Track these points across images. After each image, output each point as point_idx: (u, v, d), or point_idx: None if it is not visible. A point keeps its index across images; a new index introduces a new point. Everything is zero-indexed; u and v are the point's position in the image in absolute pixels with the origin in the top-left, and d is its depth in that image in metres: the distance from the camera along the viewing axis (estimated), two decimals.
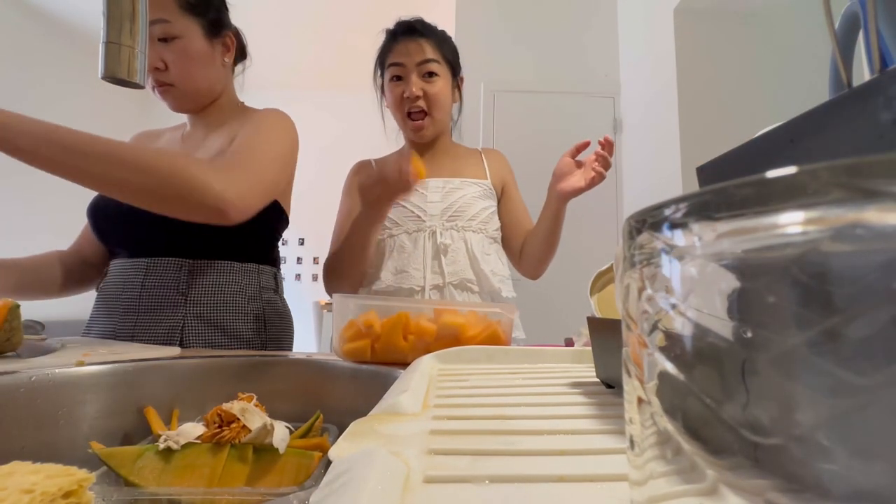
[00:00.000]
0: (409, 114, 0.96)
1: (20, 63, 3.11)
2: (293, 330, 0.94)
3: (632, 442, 0.11)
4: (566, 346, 0.69)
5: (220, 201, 0.62)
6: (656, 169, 2.19)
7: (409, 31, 0.96)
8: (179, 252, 0.78)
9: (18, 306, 0.54)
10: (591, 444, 0.20)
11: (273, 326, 0.87)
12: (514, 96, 2.54)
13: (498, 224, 1.03)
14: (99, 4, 0.45)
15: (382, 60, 0.99)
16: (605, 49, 2.61)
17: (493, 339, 0.56)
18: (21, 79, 3.10)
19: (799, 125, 0.20)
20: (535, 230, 0.97)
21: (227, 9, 0.87)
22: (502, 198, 1.07)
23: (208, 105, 0.87)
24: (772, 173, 0.07)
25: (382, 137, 1.08)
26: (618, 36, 2.62)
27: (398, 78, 0.95)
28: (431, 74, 0.95)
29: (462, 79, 1.05)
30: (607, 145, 0.86)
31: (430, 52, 0.94)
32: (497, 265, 0.98)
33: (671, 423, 0.09)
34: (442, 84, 0.96)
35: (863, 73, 0.33)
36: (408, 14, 0.98)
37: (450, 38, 1.01)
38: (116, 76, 0.45)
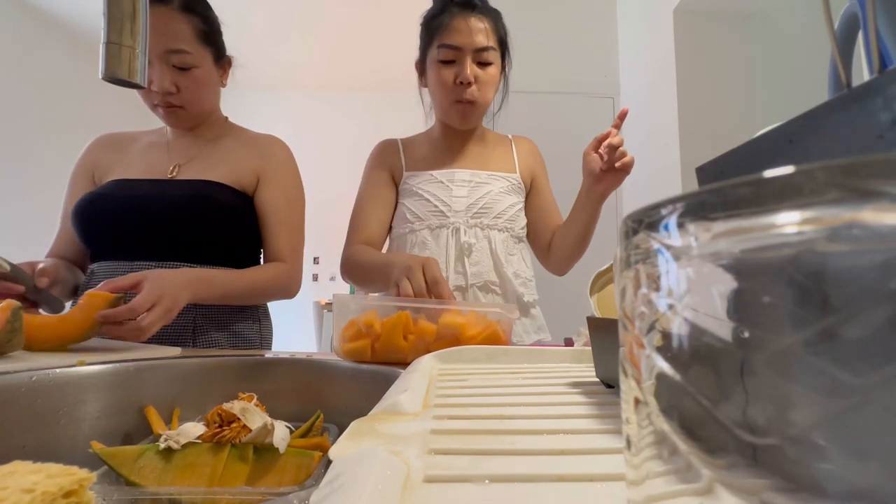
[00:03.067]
0: (457, 101, 0.89)
1: (20, 63, 3.11)
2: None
3: (628, 442, 0.11)
4: (566, 346, 0.69)
5: (296, 291, 0.90)
6: (656, 169, 2.18)
7: (466, 4, 0.87)
8: (181, 257, 0.80)
9: (21, 307, 0.54)
10: (591, 444, 0.20)
11: (264, 327, 0.92)
12: (514, 96, 2.52)
13: (524, 222, 0.98)
14: (99, 4, 0.45)
15: (431, 34, 0.89)
16: (604, 49, 2.60)
17: (493, 339, 0.56)
18: (21, 78, 3.10)
19: (798, 125, 0.20)
20: (570, 228, 0.92)
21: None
22: (531, 191, 1.02)
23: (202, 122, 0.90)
24: (768, 173, 0.07)
25: (381, 137, 1.07)
26: (618, 36, 2.62)
27: (450, 61, 0.87)
28: (487, 63, 0.89)
29: (510, 62, 0.98)
30: (620, 117, 0.81)
31: (488, 37, 0.87)
32: (521, 266, 0.95)
33: (668, 423, 0.09)
34: (494, 71, 0.91)
35: (862, 73, 0.33)
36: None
37: (501, 15, 0.94)
38: (116, 76, 0.45)
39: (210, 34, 0.83)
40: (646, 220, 0.10)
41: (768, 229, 0.08)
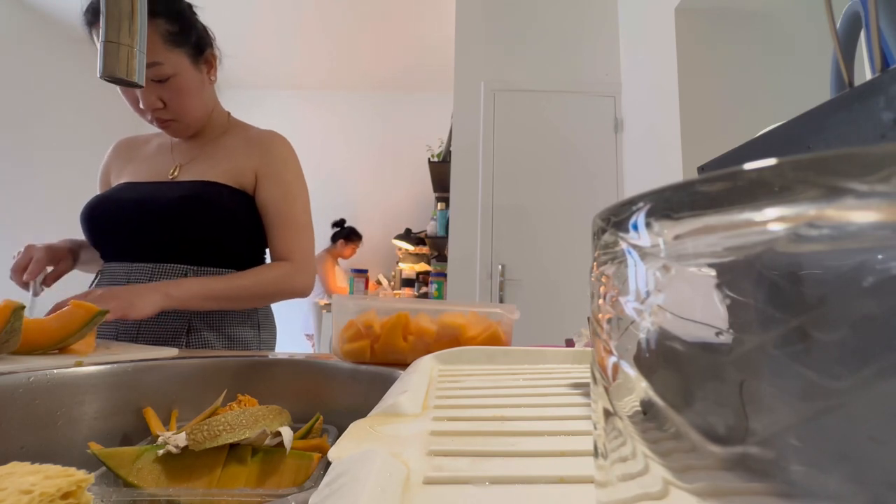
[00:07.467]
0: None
1: (19, 63, 3.10)
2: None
3: (596, 448, 0.11)
4: (566, 346, 0.69)
5: (304, 291, 0.87)
6: (657, 169, 2.18)
7: None
8: (180, 259, 0.80)
9: (23, 308, 0.53)
10: (592, 446, 0.20)
11: (264, 330, 0.91)
12: (514, 96, 2.53)
13: None
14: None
15: None
16: (605, 49, 2.60)
17: (494, 339, 0.56)
18: (20, 78, 3.10)
19: (801, 124, 0.20)
20: None
21: (198, 22, 0.83)
22: None
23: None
24: (735, 169, 0.07)
25: (379, 137, 1.06)
26: (618, 35, 2.61)
27: None
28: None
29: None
30: None
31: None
32: None
33: (633, 428, 0.09)
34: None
35: (864, 72, 0.33)
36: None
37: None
38: (115, 75, 0.45)
39: (179, 33, 0.77)
40: (613, 220, 0.10)
41: (736, 227, 0.07)
